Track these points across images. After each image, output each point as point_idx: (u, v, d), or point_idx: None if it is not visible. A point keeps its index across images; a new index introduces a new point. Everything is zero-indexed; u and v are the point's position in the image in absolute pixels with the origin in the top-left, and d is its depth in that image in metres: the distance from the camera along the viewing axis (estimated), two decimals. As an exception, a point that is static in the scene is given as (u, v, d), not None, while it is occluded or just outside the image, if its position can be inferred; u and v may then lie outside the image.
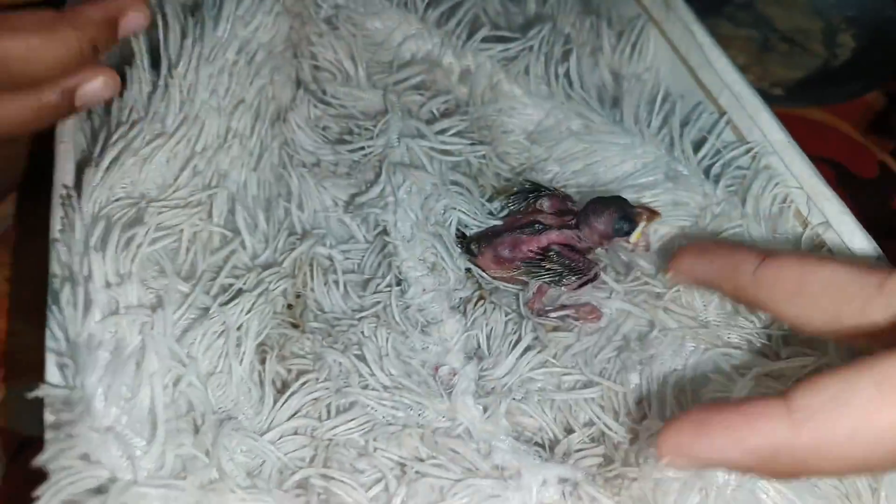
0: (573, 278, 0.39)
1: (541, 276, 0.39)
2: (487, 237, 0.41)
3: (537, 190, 0.42)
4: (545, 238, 0.40)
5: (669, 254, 0.38)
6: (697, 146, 0.44)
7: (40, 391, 0.30)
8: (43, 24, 0.34)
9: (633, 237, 0.39)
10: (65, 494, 0.28)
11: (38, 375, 0.47)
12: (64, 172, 0.37)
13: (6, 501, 0.44)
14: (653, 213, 0.39)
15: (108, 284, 0.33)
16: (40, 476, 0.44)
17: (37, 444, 0.45)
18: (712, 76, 0.44)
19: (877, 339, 0.31)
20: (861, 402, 0.25)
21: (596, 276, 0.40)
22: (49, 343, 0.32)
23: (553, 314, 0.40)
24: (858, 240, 0.36)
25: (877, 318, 0.30)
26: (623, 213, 0.39)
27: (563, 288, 0.40)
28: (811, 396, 0.26)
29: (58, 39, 0.34)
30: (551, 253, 0.39)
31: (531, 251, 0.40)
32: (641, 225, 0.39)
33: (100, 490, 0.28)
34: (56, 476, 0.28)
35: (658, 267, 0.40)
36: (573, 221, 0.40)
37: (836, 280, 0.31)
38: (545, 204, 0.42)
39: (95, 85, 0.36)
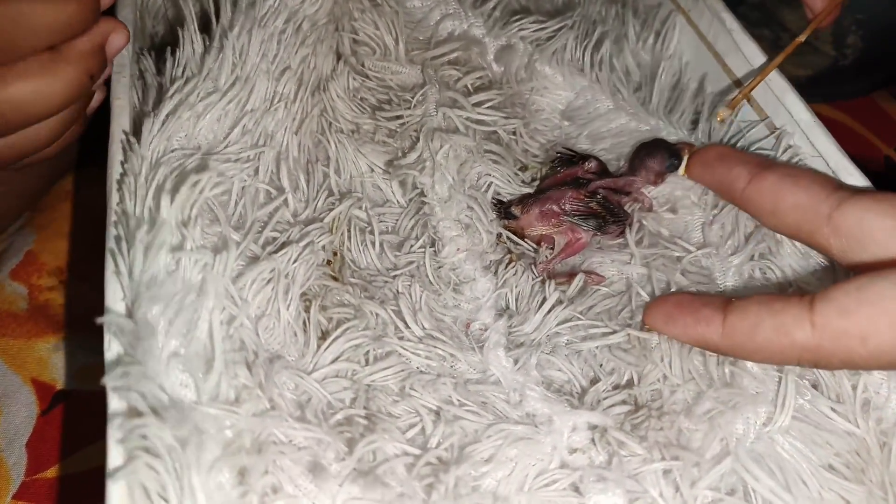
0: (614, 226, 0.42)
1: (587, 220, 0.42)
2: (530, 197, 0.43)
3: (583, 157, 0.44)
4: (592, 186, 0.43)
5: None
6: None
7: (105, 318, 0.30)
8: (43, 66, 0.36)
9: (681, 170, 0.43)
10: (130, 406, 0.28)
11: (78, 329, 0.49)
12: (121, 125, 0.38)
13: (35, 454, 0.44)
14: (690, 146, 0.44)
15: (171, 225, 0.34)
16: (73, 428, 0.45)
17: (71, 397, 0.46)
18: (740, 60, 0.45)
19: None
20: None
21: (632, 222, 0.43)
22: (110, 279, 0.32)
23: (564, 276, 0.41)
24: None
25: (822, 243, 0.34)
26: (671, 151, 0.43)
27: (605, 236, 0.42)
28: (830, 304, 0.30)
29: (59, 78, 0.36)
30: (599, 196, 0.42)
31: (579, 197, 0.42)
32: (686, 157, 0.43)
33: (161, 411, 0.29)
34: (120, 394, 0.29)
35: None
36: (620, 172, 0.44)
37: (801, 203, 0.34)
38: (592, 165, 0.44)
39: (119, 35, 0.39)
